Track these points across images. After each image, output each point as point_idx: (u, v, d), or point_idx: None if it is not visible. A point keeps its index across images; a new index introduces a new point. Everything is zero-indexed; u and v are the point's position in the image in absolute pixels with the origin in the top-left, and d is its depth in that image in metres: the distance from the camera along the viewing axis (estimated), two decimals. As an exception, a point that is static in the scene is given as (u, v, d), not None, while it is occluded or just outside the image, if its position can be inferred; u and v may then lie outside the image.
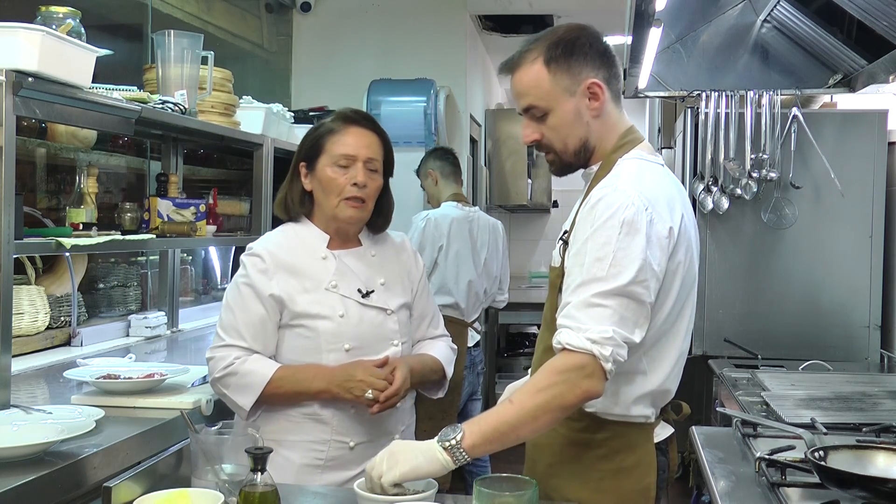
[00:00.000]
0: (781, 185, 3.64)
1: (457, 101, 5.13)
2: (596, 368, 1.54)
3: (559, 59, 1.72)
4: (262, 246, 2.04)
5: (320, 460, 1.97)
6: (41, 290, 2.82)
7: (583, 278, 1.58)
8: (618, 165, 1.74)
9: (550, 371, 1.57)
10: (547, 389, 1.56)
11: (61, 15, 2.24)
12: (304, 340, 1.98)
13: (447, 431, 1.55)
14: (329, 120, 2.07)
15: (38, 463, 1.68)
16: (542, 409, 1.56)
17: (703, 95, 3.72)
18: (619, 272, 1.57)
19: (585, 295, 1.57)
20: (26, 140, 2.82)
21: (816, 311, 3.62)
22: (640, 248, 1.59)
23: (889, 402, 2.43)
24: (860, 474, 1.57)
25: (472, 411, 4.38)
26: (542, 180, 7.95)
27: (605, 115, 1.77)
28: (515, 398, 1.58)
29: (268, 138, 3.44)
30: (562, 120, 1.75)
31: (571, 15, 5.30)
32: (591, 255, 1.59)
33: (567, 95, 1.73)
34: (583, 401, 1.58)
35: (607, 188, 1.66)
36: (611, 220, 1.60)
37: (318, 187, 2.03)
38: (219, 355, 1.97)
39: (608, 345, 1.54)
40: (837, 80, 3.75)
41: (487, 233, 4.23)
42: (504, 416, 1.57)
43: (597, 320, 1.55)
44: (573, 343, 1.54)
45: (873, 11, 2.98)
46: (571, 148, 1.78)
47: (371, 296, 2.04)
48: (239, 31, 4.78)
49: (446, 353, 2.20)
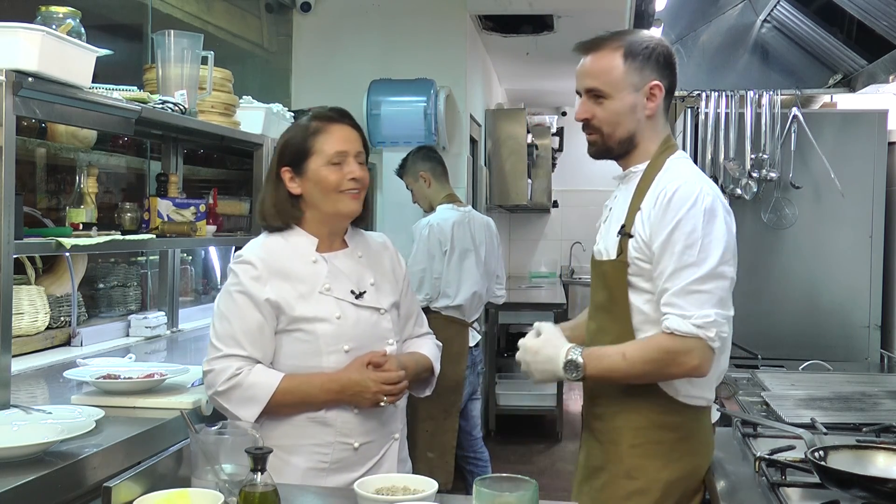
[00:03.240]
0: (781, 185, 3.64)
1: (457, 101, 5.13)
2: (704, 349, 1.77)
3: (637, 57, 1.91)
4: (252, 253, 2.02)
5: (325, 463, 1.98)
6: (41, 290, 2.82)
7: (676, 266, 1.78)
8: (670, 163, 1.92)
9: (658, 347, 1.80)
10: (655, 362, 1.81)
11: (61, 15, 2.24)
12: (303, 345, 1.98)
13: (570, 367, 1.84)
14: (307, 121, 2.08)
15: (37, 463, 1.68)
16: (649, 375, 1.85)
17: (703, 95, 3.72)
18: (707, 256, 1.78)
19: (683, 282, 1.77)
20: (26, 140, 2.82)
21: (816, 311, 3.62)
22: (721, 231, 1.81)
23: (889, 402, 2.43)
24: (860, 474, 1.58)
25: (472, 411, 4.38)
26: (542, 180, 7.95)
27: (655, 119, 1.95)
28: (629, 356, 1.83)
29: (268, 138, 3.44)
30: (619, 108, 1.92)
31: (571, 15, 5.30)
32: (680, 243, 1.79)
33: (631, 90, 1.91)
34: (689, 375, 1.82)
35: (677, 181, 1.84)
36: (693, 209, 1.80)
37: (313, 188, 2.02)
38: (218, 367, 1.94)
39: (712, 327, 1.75)
40: (837, 80, 3.76)
41: (483, 231, 4.24)
42: (617, 368, 1.84)
43: (698, 305, 1.76)
44: (681, 329, 1.76)
45: (873, 11, 2.98)
46: (618, 136, 1.94)
47: (364, 296, 2.05)
48: (239, 31, 4.78)
49: (434, 350, 2.22)
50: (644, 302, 1.88)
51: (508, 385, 6.39)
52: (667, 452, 1.89)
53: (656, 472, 1.89)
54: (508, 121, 6.58)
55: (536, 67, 6.99)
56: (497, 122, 6.52)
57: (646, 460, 1.90)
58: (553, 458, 5.81)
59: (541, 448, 6.08)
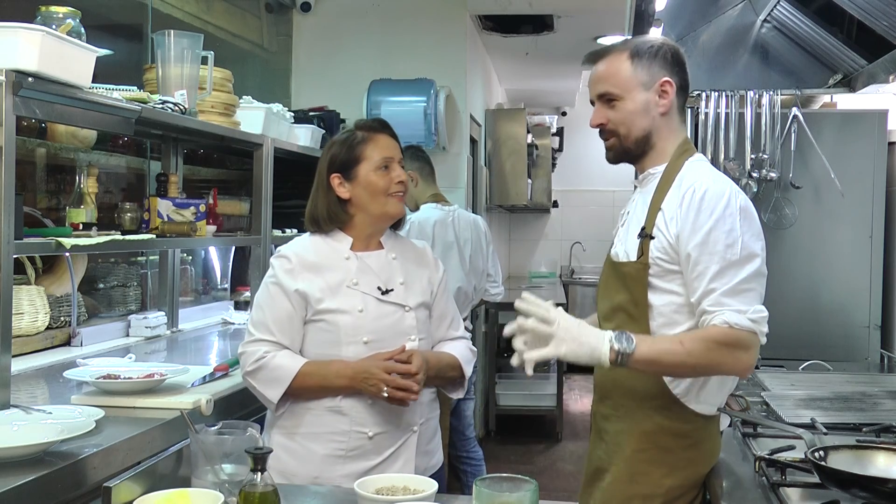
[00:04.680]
0: (781, 185, 3.64)
1: (457, 101, 5.13)
2: (757, 346, 1.78)
3: (643, 57, 1.92)
4: (290, 249, 2.19)
5: (342, 451, 2.08)
6: (41, 290, 2.82)
7: (720, 265, 1.78)
8: (689, 165, 1.92)
9: (718, 340, 1.76)
10: (711, 354, 1.76)
11: (61, 15, 2.24)
12: (325, 334, 2.10)
13: (622, 338, 1.74)
14: (353, 131, 2.22)
15: (38, 463, 1.68)
16: (703, 367, 1.81)
17: (703, 95, 3.72)
18: (749, 255, 1.79)
19: (733, 281, 1.77)
20: (26, 140, 2.82)
21: (816, 311, 3.62)
22: (758, 229, 1.84)
23: (889, 402, 2.43)
24: (860, 474, 1.58)
25: (465, 410, 4.35)
26: (542, 180, 7.96)
27: (670, 117, 1.95)
28: (686, 345, 1.77)
29: (268, 138, 3.44)
30: (631, 108, 1.92)
31: (572, 15, 5.29)
32: (721, 243, 1.78)
33: (641, 88, 1.92)
34: (741, 372, 1.83)
35: (704, 181, 1.84)
36: (728, 208, 1.80)
37: (362, 192, 2.17)
38: (249, 350, 2.10)
39: (764, 322, 1.77)
40: (837, 80, 3.76)
41: (469, 230, 4.21)
42: (672, 354, 1.77)
43: (748, 302, 1.77)
44: (740, 323, 1.74)
45: (873, 11, 2.98)
46: (634, 136, 1.94)
47: (390, 293, 2.16)
48: (239, 31, 4.78)
49: (465, 353, 2.28)
50: (663, 304, 1.87)
51: (508, 385, 6.39)
52: (673, 460, 1.88)
53: (660, 478, 1.87)
54: (508, 121, 6.58)
55: (536, 67, 6.99)
56: (497, 122, 6.52)
57: (651, 466, 1.89)
58: (553, 458, 5.81)
59: (541, 448, 6.08)
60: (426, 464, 2.19)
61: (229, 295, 4.38)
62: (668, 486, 1.87)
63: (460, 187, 5.17)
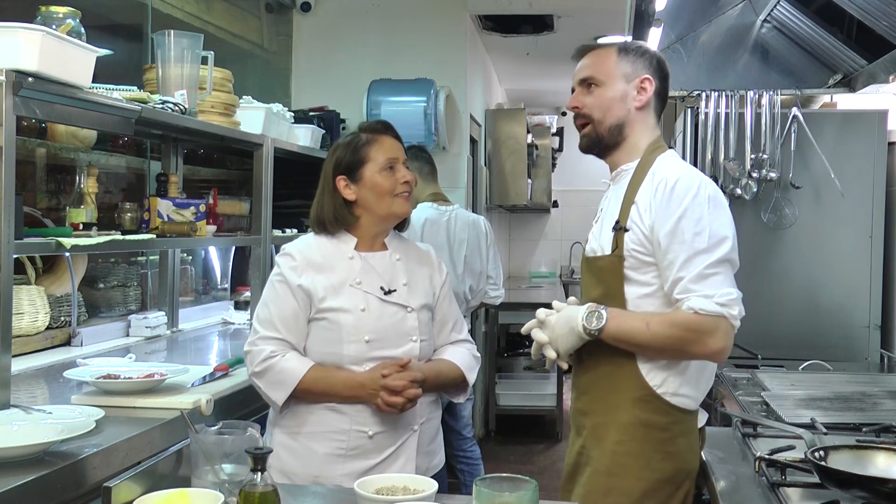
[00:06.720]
0: (781, 185, 3.64)
1: (457, 101, 5.13)
2: (728, 331, 1.79)
3: (629, 53, 2.00)
4: (295, 247, 2.21)
5: (342, 450, 2.09)
6: (41, 290, 2.82)
7: (688, 254, 1.81)
8: (661, 160, 1.96)
9: (683, 324, 1.80)
10: (677, 339, 1.81)
11: (61, 15, 2.24)
12: (327, 332, 2.12)
13: (591, 318, 1.85)
14: (357, 133, 2.24)
15: (37, 463, 1.68)
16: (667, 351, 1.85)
17: (702, 95, 3.71)
18: (717, 242, 1.81)
19: (698, 268, 1.79)
20: (26, 140, 2.82)
21: (816, 311, 3.62)
22: (727, 219, 1.87)
23: (889, 402, 2.43)
24: (860, 474, 1.58)
25: (462, 410, 4.33)
26: (542, 180, 7.95)
27: (645, 114, 2.00)
28: (652, 327, 1.83)
29: (268, 138, 3.44)
30: (609, 95, 1.98)
31: (572, 15, 5.29)
32: (689, 231, 1.82)
33: (622, 79, 1.98)
34: (712, 356, 1.84)
35: (676, 172, 1.89)
36: (697, 197, 1.84)
37: (368, 193, 2.18)
38: (255, 349, 2.12)
39: (734, 305, 1.79)
40: (837, 80, 3.76)
41: (467, 230, 4.17)
42: (638, 334, 1.84)
43: (716, 286, 1.78)
44: (705, 308, 1.77)
45: (873, 11, 2.98)
46: (607, 123, 1.99)
47: (393, 294, 2.17)
48: (239, 31, 4.78)
49: (468, 360, 2.29)
50: (638, 296, 1.89)
51: (508, 385, 6.38)
52: (650, 453, 1.89)
53: (638, 470, 1.89)
54: (508, 121, 6.57)
55: (536, 67, 6.99)
56: (497, 122, 6.52)
57: (629, 459, 1.90)
58: (553, 458, 5.81)
59: (541, 448, 6.08)
60: (428, 463, 2.20)
61: (229, 295, 4.38)
62: (646, 479, 1.88)
63: (460, 187, 5.17)
